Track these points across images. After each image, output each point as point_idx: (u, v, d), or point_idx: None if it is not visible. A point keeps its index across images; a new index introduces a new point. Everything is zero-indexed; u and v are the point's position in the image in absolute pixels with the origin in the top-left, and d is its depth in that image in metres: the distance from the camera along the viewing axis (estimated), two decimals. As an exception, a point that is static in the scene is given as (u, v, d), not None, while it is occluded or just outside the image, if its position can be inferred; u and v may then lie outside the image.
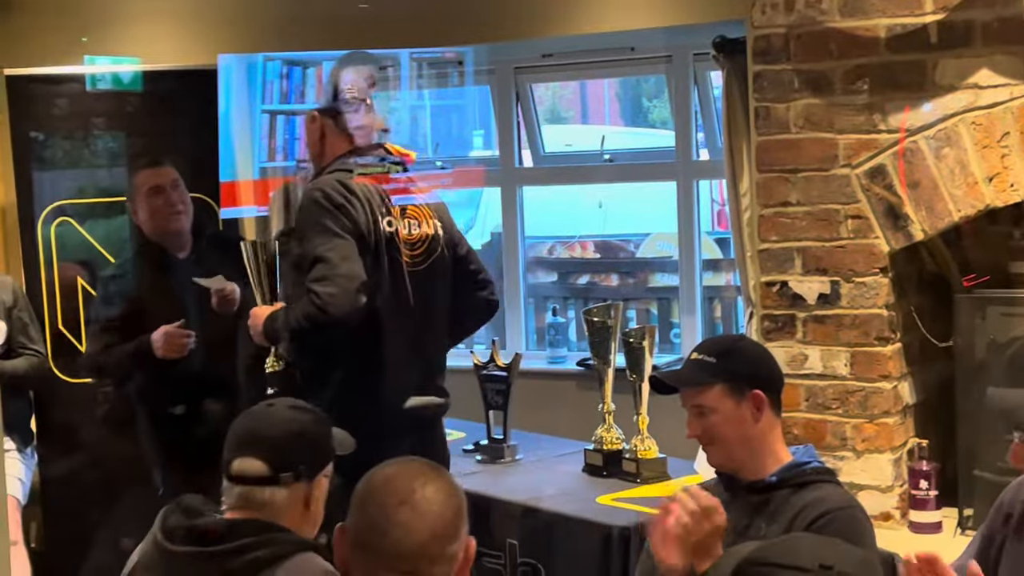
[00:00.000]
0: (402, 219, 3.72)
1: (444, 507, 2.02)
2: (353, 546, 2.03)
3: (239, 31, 5.08)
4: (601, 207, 8.80)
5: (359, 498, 2.06)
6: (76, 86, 4.88)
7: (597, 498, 4.07)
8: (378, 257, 3.61)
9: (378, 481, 2.06)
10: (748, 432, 2.67)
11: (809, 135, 3.92)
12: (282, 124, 4.78)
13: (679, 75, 5.27)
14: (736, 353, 2.74)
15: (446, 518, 2.01)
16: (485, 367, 4.58)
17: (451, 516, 2.02)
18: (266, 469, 2.43)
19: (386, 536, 1.98)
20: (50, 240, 4.79)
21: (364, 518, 2.03)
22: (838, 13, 3.83)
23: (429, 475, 2.05)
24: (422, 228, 3.76)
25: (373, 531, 2.00)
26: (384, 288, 3.62)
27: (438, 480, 2.05)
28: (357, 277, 3.47)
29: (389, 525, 1.98)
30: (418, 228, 3.75)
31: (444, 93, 5.87)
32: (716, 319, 6.22)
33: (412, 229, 3.74)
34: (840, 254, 3.90)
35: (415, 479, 2.03)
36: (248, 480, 2.44)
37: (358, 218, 3.58)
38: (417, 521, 1.99)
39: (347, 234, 3.52)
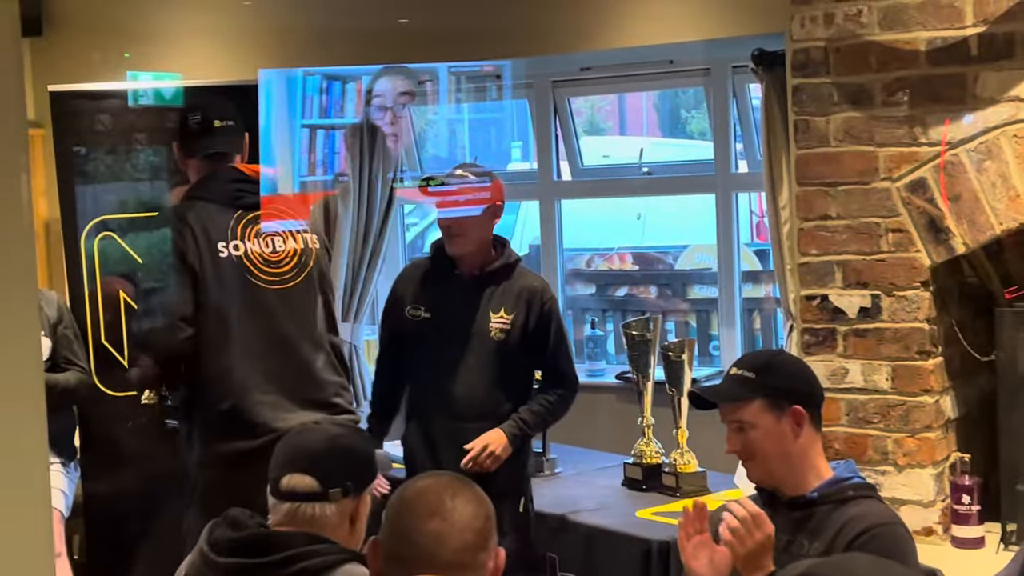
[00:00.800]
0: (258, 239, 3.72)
1: (474, 517, 2.07)
2: (387, 558, 2.09)
3: (279, 46, 5.12)
4: (639, 219, 8.80)
5: (392, 511, 2.12)
6: (118, 102, 4.93)
7: (636, 512, 4.08)
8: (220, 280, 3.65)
9: (409, 495, 2.12)
10: (788, 448, 2.65)
11: (849, 148, 3.91)
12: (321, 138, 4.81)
13: (718, 88, 5.27)
14: (775, 368, 2.73)
15: (476, 528, 2.07)
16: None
17: (480, 526, 2.08)
18: (316, 485, 2.47)
19: (418, 547, 2.04)
20: (93, 254, 4.83)
21: (396, 531, 2.08)
22: (878, 26, 3.82)
23: (458, 487, 2.11)
24: (288, 244, 3.77)
25: (405, 543, 2.06)
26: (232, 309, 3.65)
27: (467, 492, 2.11)
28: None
29: (421, 536, 2.04)
30: (283, 245, 3.76)
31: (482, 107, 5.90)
32: (755, 331, 6.21)
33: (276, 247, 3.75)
34: (881, 267, 3.89)
35: (444, 492, 2.09)
36: (297, 496, 2.47)
37: (185, 247, 3.64)
38: (448, 532, 2.04)
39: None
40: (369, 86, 4.94)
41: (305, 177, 4.73)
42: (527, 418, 3.94)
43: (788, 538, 2.62)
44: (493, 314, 3.96)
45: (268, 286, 3.69)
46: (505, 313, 3.95)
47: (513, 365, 3.99)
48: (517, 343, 3.96)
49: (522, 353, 3.99)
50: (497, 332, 3.95)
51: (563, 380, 4.04)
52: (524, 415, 3.94)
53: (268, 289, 3.68)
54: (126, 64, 5.02)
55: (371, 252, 5.51)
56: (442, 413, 4.03)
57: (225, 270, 3.64)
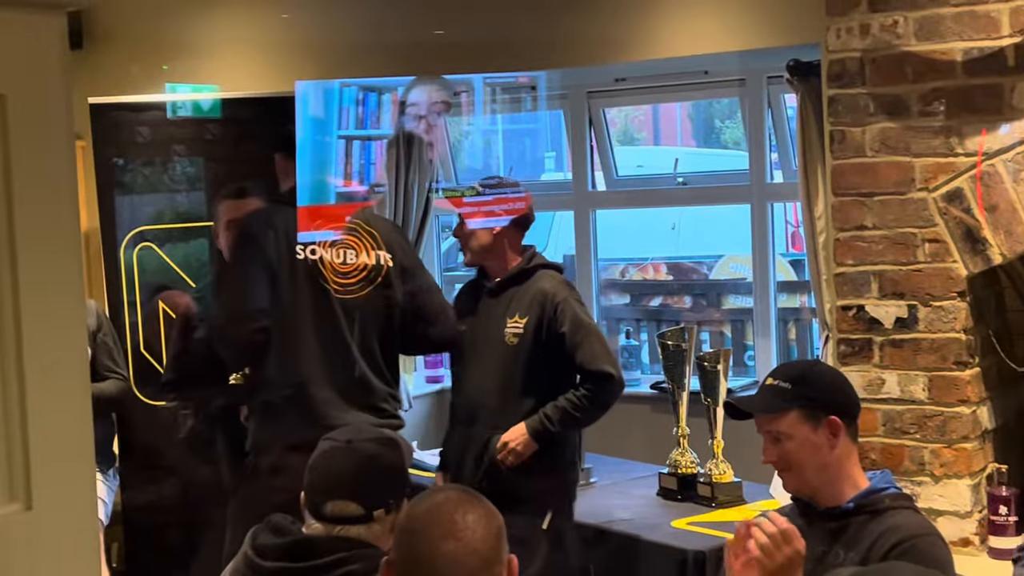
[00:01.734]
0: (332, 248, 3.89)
1: (486, 532, 2.08)
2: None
3: (316, 58, 5.16)
4: (674, 229, 8.80)
5: (403, 532, 2.12)
6: (157, 114, 4.98)
7: (672, 522, 4.08)
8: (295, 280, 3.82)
9: (419, 515, 2.12)
10: (824, 458, 2.65)
11: (885, 159, 3.91)
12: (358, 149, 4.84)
13: (753, 98, 5.27)
14: (812, 379, 2.73)
15: (489, 543, 2.08)
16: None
17: (493, 540, 2.09)
18: (361, 510, 2.52)
19: (435, 569, 2.04)
20: (132, 264, 4.88)
21: (410, 553, 2.08)
22: (914, 37, 3.82)
23: (467, 503, 2.12)
24: (359, 258, 3.91)
25: (421, 565, 2.06)
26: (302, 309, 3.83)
27: (477, 507, 2.12)
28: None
29: (436, 558, 2.04)
30: (355, 258, 3.90)
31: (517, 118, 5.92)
32: (791, 341, 6.20)
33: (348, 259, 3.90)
34: (917, 278, 3.88)
35: (455, 510, 2.09)
36: (342, 520, 2.51)
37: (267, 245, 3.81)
38: (463, 552, 2.05)
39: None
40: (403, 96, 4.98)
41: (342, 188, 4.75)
42: (550, 413, 3.91)
43: (823, 549, 2.62)
44: (508, 319, 4.00)
45: (336, 293, 3.86)
46: (519, 318, 3.98)
47: (531, 370, 3.97)
48: (531, 347, 3.96)
49: (539, 357, 3.97)
50: (511, 337, 3.98)
51: (589, 376, 3.94)
52: (547, 410, 3.92)
53: (336, 296, 3.86)
54: (165, 76, 5.07)
55: (407, 262, 5.53)
56: (467, 420, 4.11)
57: (300, 272, 3.82)
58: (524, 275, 4.05)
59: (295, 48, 5.20)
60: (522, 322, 3.96)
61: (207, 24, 5.15)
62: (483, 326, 4.06)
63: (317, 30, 5.18)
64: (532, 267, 4.06)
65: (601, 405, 3.99)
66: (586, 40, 4.87)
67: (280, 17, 5.20)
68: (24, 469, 1.56)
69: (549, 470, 3.96)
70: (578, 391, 3.94)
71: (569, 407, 3.91)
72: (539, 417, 3.91)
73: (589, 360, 3.93)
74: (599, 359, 3.94)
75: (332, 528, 2.52)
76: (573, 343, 3.92)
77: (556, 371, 3.99)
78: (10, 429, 1.56)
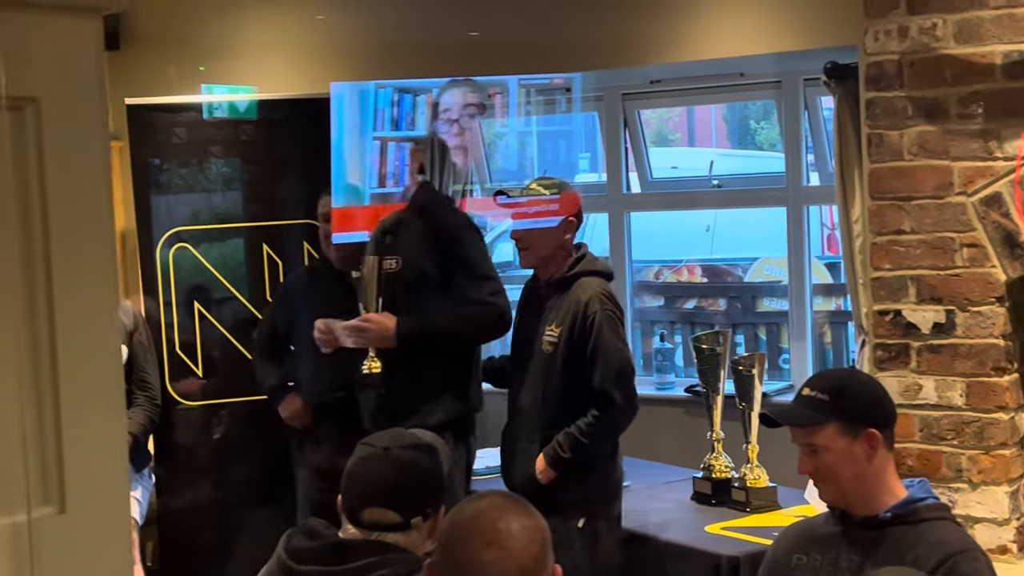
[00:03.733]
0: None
1: (530, 541, 2.04)
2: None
3: (351, 60, 5.17)
4: (708, 231, 8.77)
5: (445, 538, 2.09)
6: (194, 114, 5.00)
7: (706, 527, 4.05)
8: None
9: (462, 521, 2.08)
10: (862, 470, 2.61)
11: (923, 162, 3.87)
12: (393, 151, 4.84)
13: (789, 100, 5.24)
14: (850, 390, 2.68)
15: (532, 552, 2.03)
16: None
17: (537, 549, 2.05)
18: (399, 518, 2.50)
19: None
20: (168, 265, 4.90)
21: (453, 560, 2.05)
22: (952, 40, 3.79)
23: (510, 510, 2.07)
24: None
25: (463, 573, 2.03)
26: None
27: (521, 515, 2.07)
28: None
29: (479, 567, 2.01)
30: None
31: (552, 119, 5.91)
32: (826, 344, 6.16)
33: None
34: (955, 283, 3.85)
35: (499, 518, 2.05)
36: (380, 528, 2.50)
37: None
38: (506, 560, 2.01)
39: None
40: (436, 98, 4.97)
41: (376, 189, 4.76)
42: (561, 440, 3.86)
43: (860, 559, 2.60)
44: (546, 327, 3.96)
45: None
46: (555, 326, 3.93)
47: (564, 380, 3.91)
48: (563, 357, 3.90)
49: (572, 368, 3.90)
50: (547, 345, 3.94)
51: (598, 400, 3.86)
52: (560, 437, 3.87)
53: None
54: (201, 77, 5.09)
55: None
56: (510, 425, 4.10)
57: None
58: (567, 281, 3.99)
59: (330, 50, 5.21)
60: (557, 331, 3.92)
61: (243, 26, 5.17)
62: (530, 328, 4.03)
63: (352, 32, 5.18)
64: (574, 274, 4.00)
65: (607, 431, 3.91)
66: (622, 42, 4.85)
67: (315, 19, 5.21)
68: (58, 472, 1.56)
69: (587, 473, 3.93)
70: (587, 416, 3.86)
71: (577, 433, 3.85)
72: (553, 445, 3.88)
73: (598, 381, 3.86)
74: (606, 382, 3.85)
75: (369, 534, 2.51)
76: (592, 359, 3.86)
77: (589, 383, 3.92)
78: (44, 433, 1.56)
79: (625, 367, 3.92)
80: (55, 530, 1.57)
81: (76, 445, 1.59)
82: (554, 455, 3.87)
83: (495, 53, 5.02)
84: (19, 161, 1.55)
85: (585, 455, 3.88)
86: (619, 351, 3.90)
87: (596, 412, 3.85)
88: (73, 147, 1.59)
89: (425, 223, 4.17)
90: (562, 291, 3.97)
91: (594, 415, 3.85)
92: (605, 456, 3.98)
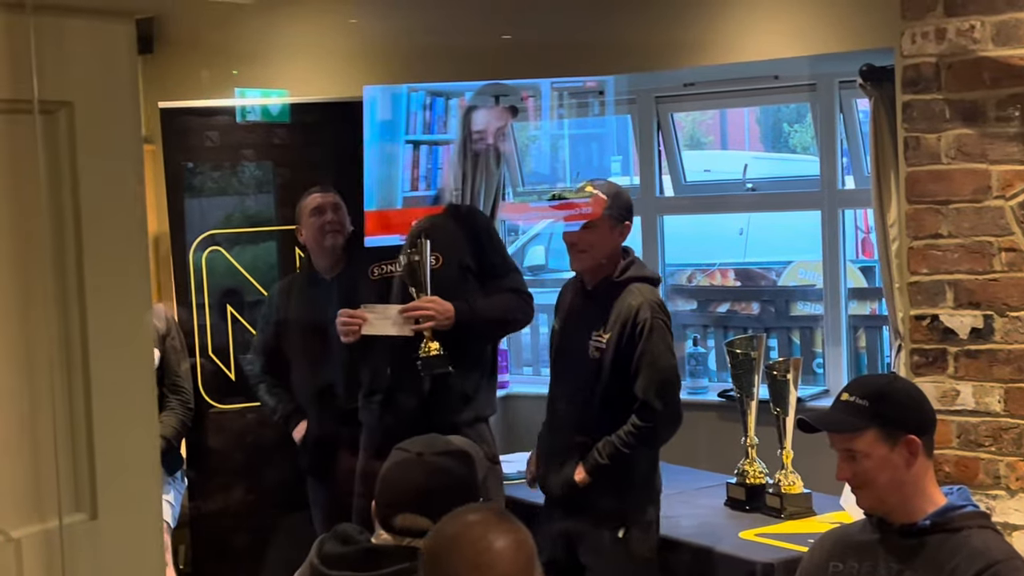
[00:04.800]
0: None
1: (515, 559, 2.02)
2: None
3: (384, 64, 5.17)
4: (741, 234, 8.73)
5: (430, 558, 2.07)
6: (226, 118, 5.01)
7: (740, 533, 4.02)
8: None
9: (447, 538, 2.07)
10: (901, 477, 2.58)
11: (961, 166, 3.83)
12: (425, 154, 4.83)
13: (824, 103, 5.20)
14: (890, 396, 2.65)
15: (519, 565, 2.02)
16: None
17: (523, 564, 2.03)
18: (431, 524, 2.48)
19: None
20: (201, 267, 4.91)
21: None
22: (991, 42, 3.74)
23: (496, 528, 2.05)
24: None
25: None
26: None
27: (505, 531, 2.05)
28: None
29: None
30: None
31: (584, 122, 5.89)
32: (860, 349, 6.12)
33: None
34: (994, 287, 3.80)
35: (482, 538, 2.03)
36: (413, 534, 2.49)
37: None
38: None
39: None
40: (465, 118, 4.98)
41: (408, 192, 4.75)
42: (601, 447, 3.83)
43: (899, 567, 2.56)
44: (594, 332, 3.92)
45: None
46: (603, 332, 3.89)
47: (611, 386, 3.86)
48: (612, 363, 3.86)
49: (619, 374, 3.85)
50: (594, 351, 3.89)
51: (640, 409, 3.82)
52: (600, 445, 3.84)
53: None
54: (234, 81, 5.10)
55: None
56: (549, 428, 4.07)
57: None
58: (617, 287, 3.93)
59: (363, 53, 5.21)
60: (606, 337, 3.88)
61: (276, 29, 5.17)
62: (575, 332, 4.00)
63: (384, 35, 5.18)
64: (625, 279, 3.95)
65: (647, 440, 3.85)
66: (655, 44, 4.83)
67: (348, 22, 5.21)
68: (90, 480, 1.56)
69: (627, 483, 3.90)
70: (627, 426, 3.83)
71: (618, 443, 3.82)
72: (594, 454, 3.85)
73: (641, 389, 3.82)
74: (649, 391, 3.81)
75: (401, 540, 2.50)
76: (637, 368, 3.84)
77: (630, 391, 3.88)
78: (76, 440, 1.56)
79: (670, 376, 3.89)
80: (87, 536, 1.57)
81: (108, 451, 1.59)
82: (593, 463, 3.84)
83: (528, 56, 5.01)
84: (52, 165, 1.55)
85: (624, 464, 3.84)
86: (666, 360, 3.86)
87: (637, 421, 3.82)
88: (106, 150, 1.59)
89: (457, 223, 4.28)
90: (611, 296, 3.92)
91: (635, 424, 3.82)
92: (647, 465, 3.94)
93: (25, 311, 1.54)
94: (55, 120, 1.54)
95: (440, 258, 4.11)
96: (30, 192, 1.52)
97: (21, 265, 1.54)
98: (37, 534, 1.53)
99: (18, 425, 1.53)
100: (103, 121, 1.58)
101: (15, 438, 1.52)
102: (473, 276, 4.13)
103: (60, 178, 1.54)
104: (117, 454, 1.58)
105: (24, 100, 1.48)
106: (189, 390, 4.68)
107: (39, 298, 1.55)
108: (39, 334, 1.55)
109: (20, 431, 1.53)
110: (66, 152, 1.54)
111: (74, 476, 1.55)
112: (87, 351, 1.56)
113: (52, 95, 1.52)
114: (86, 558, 1.56)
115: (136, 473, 1.62)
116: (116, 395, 1.58)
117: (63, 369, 1.55)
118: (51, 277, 1.55)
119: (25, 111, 1.49)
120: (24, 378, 1.53)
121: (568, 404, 3.98)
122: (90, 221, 1.56)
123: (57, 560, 1.52)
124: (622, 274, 3.94)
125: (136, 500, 1.62)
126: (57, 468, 1.53)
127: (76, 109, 1.55)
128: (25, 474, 1.52)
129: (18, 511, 1.52)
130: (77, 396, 1.55)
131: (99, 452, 1.56)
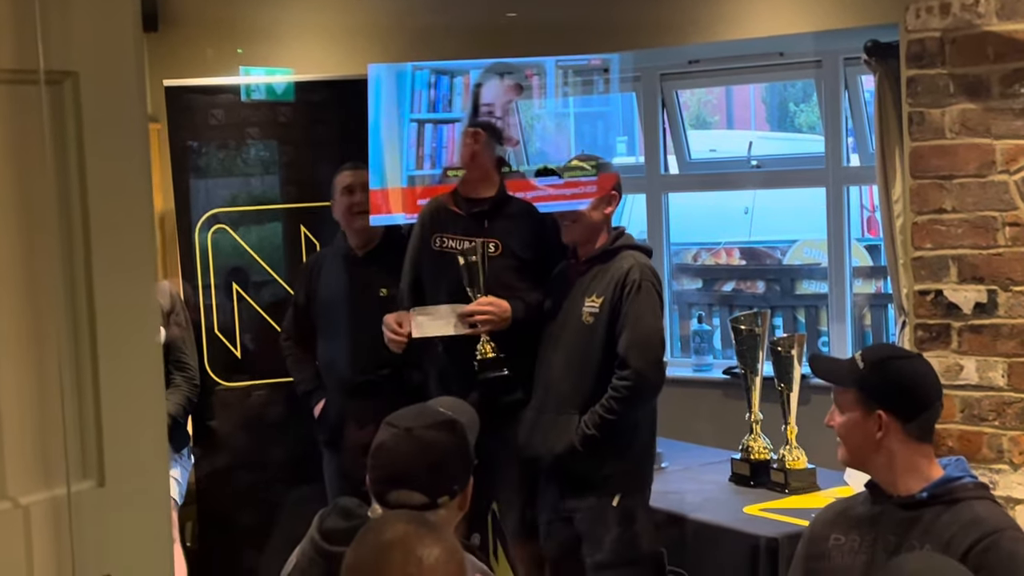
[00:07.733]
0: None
1: (447, 571, 1.99)
2: None
3: (388, 42, 5.17)
4: (747, 213, 8.73)
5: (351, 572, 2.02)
6: (231, 96, 5.00)
7: (744, 508, 4.03)
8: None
9: (367, 559, 2.02)
10: (869, 444, 2.64)
11: (965, 140, 3.83)
12: (430, 133, 4.83)
13: (829, 80, 5.20)
14: (885, 370, 2.67)
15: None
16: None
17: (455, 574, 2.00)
18: (425, 499, 2.49)
19: None
20: (207, 246, 4.91)
21: None
22: (995, 16, 3.74)
23: (419, 541, 2.01)
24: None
25: None
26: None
27: (430, 544, 2.01)
28: None
29: None
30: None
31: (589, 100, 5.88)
32: (866, 327, 6.12)
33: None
34: (998, 262, 3.81)
35: (408, 557, 1.97)
36: (408, 508, 2.50)
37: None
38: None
39: None
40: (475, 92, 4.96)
41: (414, 171, 4.75)
42: (587, 420, 3.84)
43: (897, 539, 2.57)
44: (586, 298, 3.93)
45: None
46: (595, 297, 3.91)
47: (605, 351, 3.87)
48: (605, 327, 3.87)
49: (612, 337, 3.86)
50: (587, 316, 3.91)
51: (621, 366, 3.82)
52: (587, 416, 3.84)
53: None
54: (239, 59, 5.10)
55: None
56: (540, 399, 4.04)
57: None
58: (609, 254, 3.98)
59: (367, 31, 5.21)
60: (598, 301, 3.90)
61: (281, 7, 5.17)
62: (562, 303, 4.02)
63: (389, 13, 5.18)
64: (617, 247, 3.99)
65: (628, 400, 3.83)
66: (660, 21, 4.83)
67: (352, 1, 5.21)
68: (97, 447, 1.57)
69: (621, 451, 3.91)
70: (609, 391, 3.83)
71: (602, 411, 3.82)
72: (581, 426, 3.85)
73: (623, 347, 3.82)
74: (630, 349, 3.81)
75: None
76: (622, 326, 3.84)
77: None
78: (83, 408, 1.57)
79: (652, 336, 3.88)
80: (95, 503, 1.58)
81: (115, 419, 1.60)
82: (582, 434, 3.85)
83: (532, 34, 5.01)
84: (58, 135, 1.55)
85: (613, 431, 3.85)
86: (649, 321, 3.87)
87: (617, 382, 3.82)
88: (112, 121, 1.59)
89: (516, 210, 4.20)
90: (603, 263, 3.96)
91: (615, 386, 3.82)
92: (639, 432, 3.94)
93: (32, 281, 1.55)
94: (61, 90, 1.55)
95: (499, 245, 4.10)
96: (36, 162, 1.53)
97: (27, 236, 1.55)
98: (45, 501, 1.54)
99: (27, 393, 1.54)
100: (109, 91, 1.59)
101: (23, 406, 1.54)
102: (529, 268, 4.12)
103: (66, 148, 1.55)
104: (124, 421, 1.59)
105: (30, 70, 1.49)
106: (195, 368, 4.70)
107: (45, 268, 1.56)
108: (46, 304, 1.56)
109: (28, 399, 1.54)
110: (72, 122, 1.55)
111: (81, 443, 1.56)
112: (94, 320, 1.57)
113: (58, 65, 1.53)
114: (94, 525, 1.57)
115: (143, 441, 1.63)
116: (122, 362, 1.59)
117: (70, 337, 1.56)
118: (57, 248, 1.56)
119: (31, 81, 1.49)
120: (31, 347, 1.54)
121: (559, 372, 3.97)
122: (96, 190, 1.56)
123: (65, 526, 1.54)
124: (614, 242, 3.98)
125: (144, 467, 1.63)
126: (65, 435, 1.54)
127: (82, 79, 1.55)
128: (33, 441, 1.54)
129: (27, 478, 1.54)
130: (84, 364, 1.56)
131: (106, 419, 1.57)
